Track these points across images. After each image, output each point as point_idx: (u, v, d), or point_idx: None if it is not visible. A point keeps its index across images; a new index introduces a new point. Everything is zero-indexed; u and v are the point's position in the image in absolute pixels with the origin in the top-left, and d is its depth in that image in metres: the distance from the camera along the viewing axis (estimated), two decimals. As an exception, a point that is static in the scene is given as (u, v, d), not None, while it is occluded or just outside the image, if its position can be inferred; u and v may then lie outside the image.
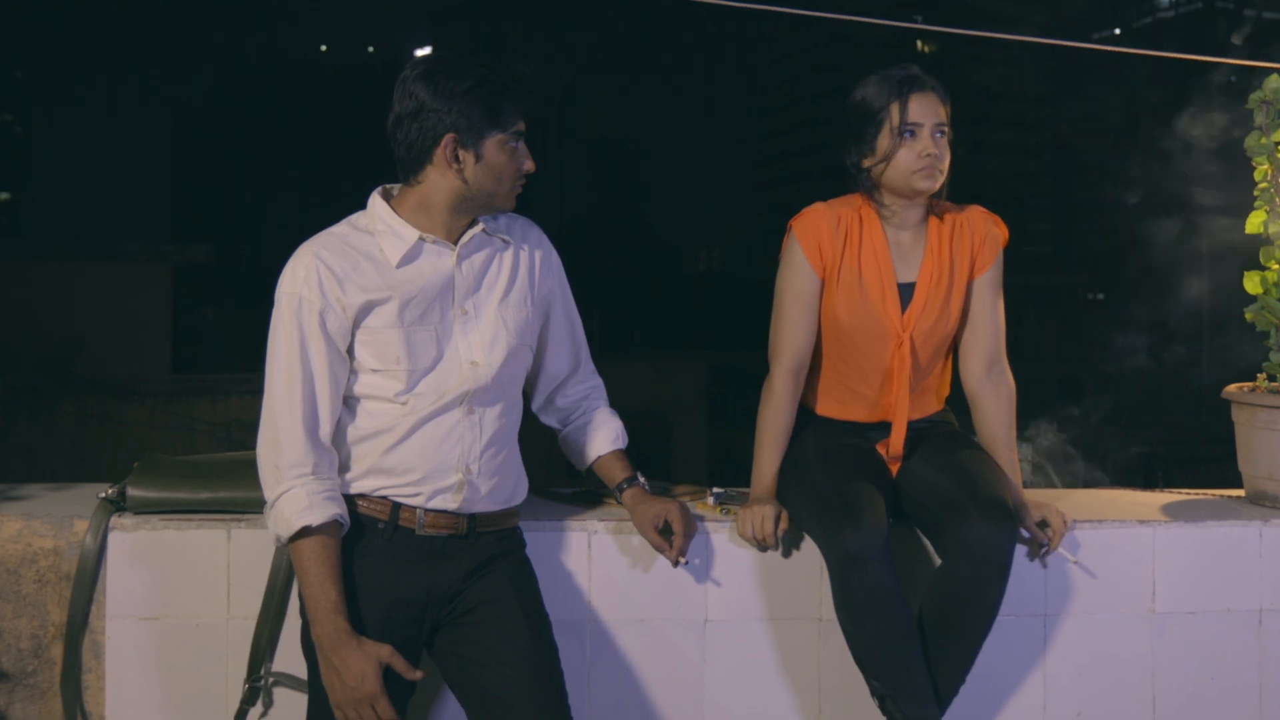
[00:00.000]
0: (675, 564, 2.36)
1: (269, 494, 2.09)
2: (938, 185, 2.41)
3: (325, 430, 2.11)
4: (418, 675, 2.07)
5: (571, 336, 2.40)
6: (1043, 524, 2.44)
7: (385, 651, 2.04)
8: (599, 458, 2.42)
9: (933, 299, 2.45)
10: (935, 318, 2.46)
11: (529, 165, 2.18)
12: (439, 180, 2.15)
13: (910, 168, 2.39)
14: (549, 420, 2.46)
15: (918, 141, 2.39)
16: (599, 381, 2.47)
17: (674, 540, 2.34)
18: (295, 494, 2.06)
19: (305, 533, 2.05)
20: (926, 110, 2.40)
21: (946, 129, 2.41)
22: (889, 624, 2.24)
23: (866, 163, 2.44)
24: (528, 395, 2.39)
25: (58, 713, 2.36)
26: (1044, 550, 2.46)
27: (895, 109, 2.39)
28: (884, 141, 2.40)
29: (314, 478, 2.08)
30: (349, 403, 2.16)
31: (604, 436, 2.42)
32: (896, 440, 2.48)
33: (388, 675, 2.06)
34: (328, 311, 2.10)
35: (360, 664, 2.02)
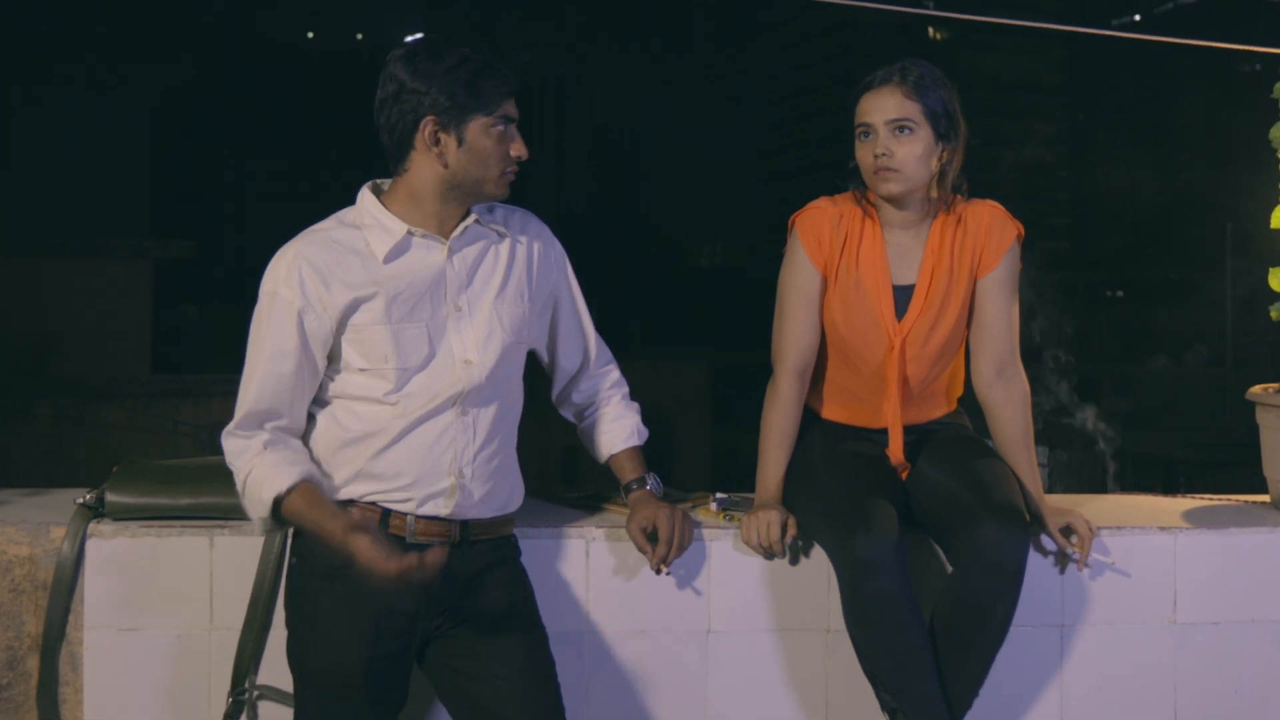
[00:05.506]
0: (656, 571, 2.31)
1: (237, 485, 2.08)
2: (899, 187, 2.33)
3: (290, 426, 2.10)
4: (415, 560, 1.91)
5: (580, 331, 2.36)
6: (1066, 531, 2.37)
7: (356, 516, 2.00)
8: (612, 456, 2.38)
9: (930, 302, 2.38)
10: (932, 322, 2.39)
11: (519, 151, 2.11)
12: (423, 167, 2.09)
13: (868, 169, 2.36)
14: (566, 414, 2.43)
15: (871, 142, 2.34)
16: (617, 374, 2.43)
17: (657, 547, 2.28)
18: (255, 473, 2.05)
19: (278, 502, 2.03)
20: (876, 107, 2.34)
21: (913, 125, 2.32)
22: (901, 634, 2.19)
23: (852, 163, 2.42)
24: (545, 389, 2.37)
25: (34, 727, 2.30)
26: (1072, 559, 2.38)
27: (856, 111, 2.38)
28: (856, 144, 2.39)
29: (269, 450, 2.06)
30: (336, 404, 2.11)
31: (617, 433, 2.38)
32: (895, 448, 2.43)
33: (383, 687, 2.03)
34: (307, 311, 2.06)
35: (375, 550, 1.91)
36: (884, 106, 2.33)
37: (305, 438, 2.12)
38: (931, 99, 2.33)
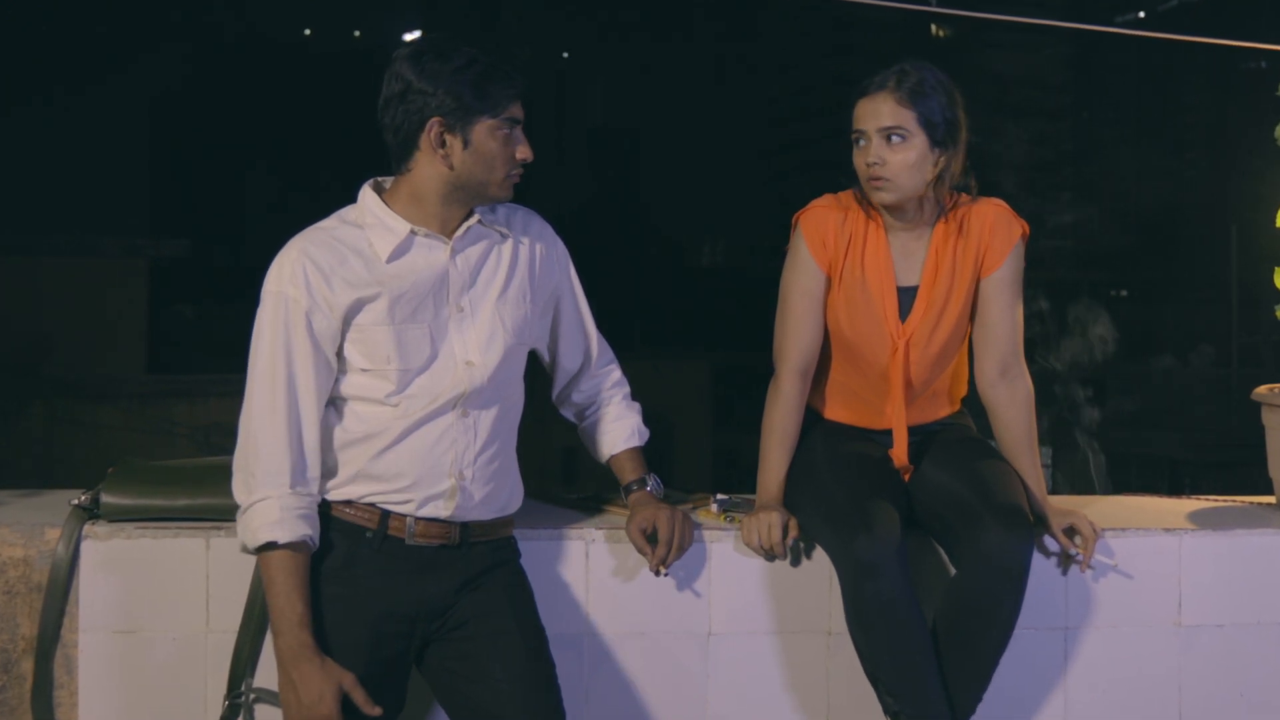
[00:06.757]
0: (655, 573, 2.29)
1: (241, 499, 2.03)
2: (890, 196, 2.30)
3: (308, 437, 2.04)
4: (376, 711, 1.98)
5: (582, 330, 2.34)
6: (1070, 532, 2.36)
7: (348, 679, 1.97)
8: (612, 456, 2.37)
9: (933, 303, 2.36)
10: (934, 323, 2.37)
11: (524, 153, 2.10)
12: (428, 167, 2.07)
13: (862, 177, 2.33)
14: (566, 414, 2.42)
15: (864, 149, 2.31)
16: (618, 374, 2.41)
17: (657, 548, 2.26)
18: (268, 505, 2.00)
19: (272, 546, 1.99)
20: (869, 114, 2.30)
21: (906, 132, 2.28)
22: (903, 636, 2.17)
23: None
24: (545, 388, 2.35)
25: (28, 731, 2.28)
26: (1075, 559, 2.36)
27: (852, 115, 2.34)
28: (852, 149, 2.36)
29: (291, 492, 2.01)
30: (337, 404, 2.09)
31: (618, 434, 2.36)
32: (899, 450, 2.40)
33: (381, 691, 2.00)
34: (314, 312, 2.03)
35: (319, 684, 1.96)
36: (877, 113, 2.29)
37: None
38: (927, 106, 2.28)
